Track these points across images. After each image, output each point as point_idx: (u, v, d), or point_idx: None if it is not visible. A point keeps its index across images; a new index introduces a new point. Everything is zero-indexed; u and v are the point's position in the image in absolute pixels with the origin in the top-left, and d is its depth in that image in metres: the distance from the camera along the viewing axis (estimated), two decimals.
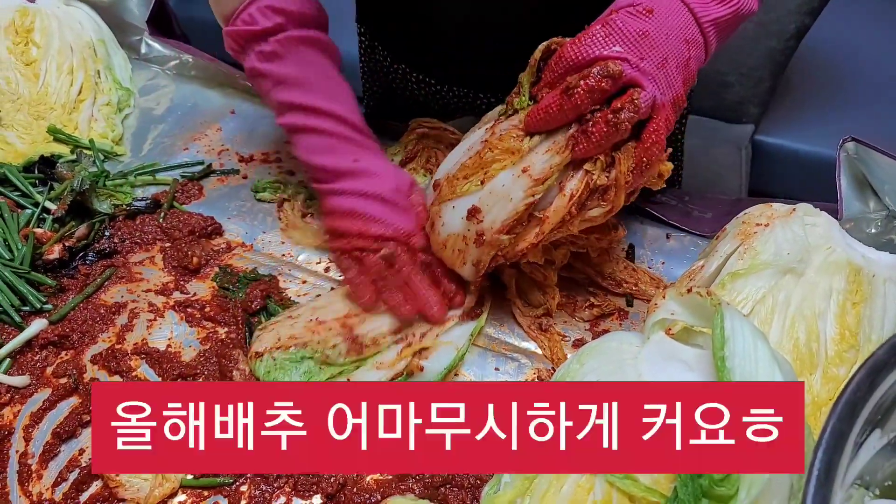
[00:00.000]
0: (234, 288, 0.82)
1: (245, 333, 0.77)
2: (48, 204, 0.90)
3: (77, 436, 0.69)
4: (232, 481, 0.65)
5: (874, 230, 0.79)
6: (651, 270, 0.83)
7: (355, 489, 0.64)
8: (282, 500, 0.64)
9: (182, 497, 0.65)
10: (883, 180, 0.79)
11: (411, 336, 0.74)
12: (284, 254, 0.87)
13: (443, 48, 0.96)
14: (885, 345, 0.48)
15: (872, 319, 0.66)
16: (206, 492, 0.65)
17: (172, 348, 0.76)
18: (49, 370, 0.74)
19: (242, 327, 0.77)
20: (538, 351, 0.76)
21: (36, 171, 0.96)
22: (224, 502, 0.65)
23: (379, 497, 0.63)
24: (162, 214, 0.90)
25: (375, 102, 1.17)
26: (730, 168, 1.70)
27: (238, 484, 0.65)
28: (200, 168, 0.98)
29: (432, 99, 1.02)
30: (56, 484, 0.66)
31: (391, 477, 0.65)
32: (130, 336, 0.77)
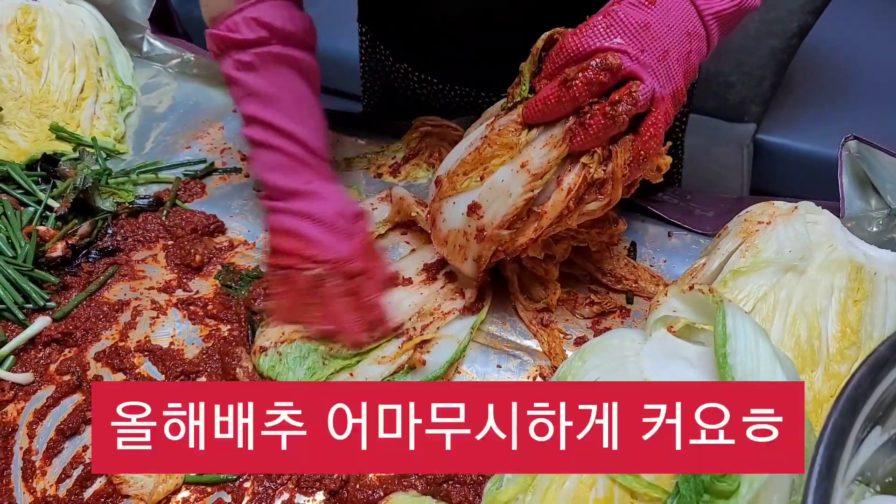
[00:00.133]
0: (237, 286, 0.82)
1: (248, 331, 0.77)
2: (51, 202, 0.90)
3: (81, 433, 0.70)
4: (235, 478, 0.66)
5: (876, 228, 0.79)
6: (653, 268, 0.84)
7: (358, 485, 0.64)
8: (285, 497, 0.65)
9: (185, 493, 0.65)
10: (885, 179, 0.79)
11: (412, 329, 0.75)
12: None
13: (444, 47, 0.96)
14: (887, 341, 0.48)
15: (874, 317, 0.66)
16: (210, 488, 0.65)
17: (175, 346, 0.76)
18: (52, 367, 0.74)
19: (245, 325, 0.78)
20: (539, 349, 0.76)
21: (38, 169, 0.96)
22: (227, 498, 0.65)
23: (381, 493, 0.63)
24: (164, 212, 0.91)
25: (376, 101, 1.17)
26: (731, 167, 1.70)
27: (241, 480, 0.66)
28: (203, 166, 0.98)
29: (434, 98, 1.02)
30: (60, 480, 0.66)
31: (393, 473, 0.65)
32: (133, 333, 0.78)
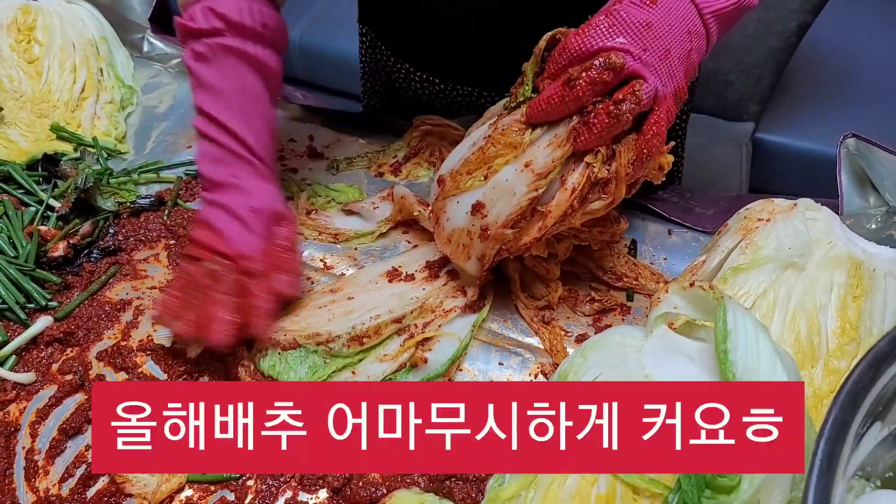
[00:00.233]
0: None
1: None
2: (52, 201, 0.90)
3: (83, 432, 0.70)
4: (238, 476, 0.66)
5: (874, 226, 0.79)
6: (653, 266, 0.84)
7: (361, 483, 0.64)
8: (288, 495, 0.65)
9: (189, 492, 0.65)
10: (883, 176, 0.80)
11: (413, 327, 0.75)
12: None
13: (445, 47, 0.96)
14: (887, 337, 0.48)
15: (873, 313, 0.67)
16: (213, 486, 0.66)
17: (178, 345, 0.76)
18: (55, 367, 0.75)
19: None
20: (541, 346, 0.76)
21: (39, 169, 0.96)
22: (231, 497, 0.65)
23: (384, 490, 0.64)
24: (166, 212, 0.91)
25: (377, 101, 1.17)
26: (730, 166, 1.70)
27: (244, 479, 0.66)
28: None
29: (435, 98, 1.03)
30: (63, 480, 0.66)
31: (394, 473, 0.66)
32: (136, 333, 0.78)
